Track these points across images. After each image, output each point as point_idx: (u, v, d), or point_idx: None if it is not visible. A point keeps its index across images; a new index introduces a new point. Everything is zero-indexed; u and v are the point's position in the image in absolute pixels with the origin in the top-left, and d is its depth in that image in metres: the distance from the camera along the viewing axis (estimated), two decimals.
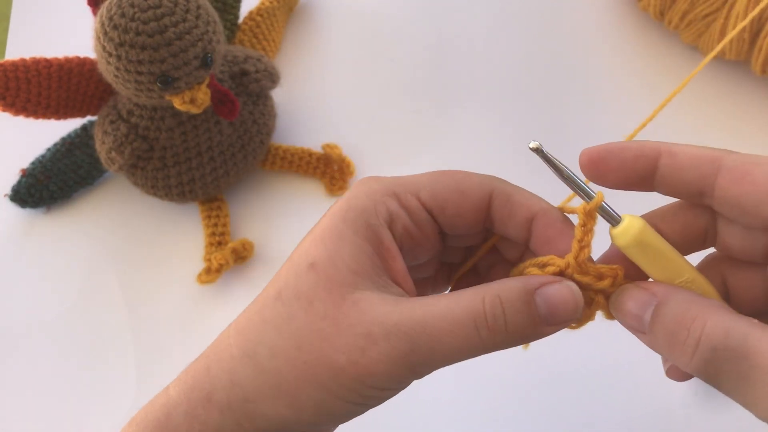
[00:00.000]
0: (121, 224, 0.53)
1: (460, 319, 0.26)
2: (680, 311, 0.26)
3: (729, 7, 0.51)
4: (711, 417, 0.44)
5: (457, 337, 0.26)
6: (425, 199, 0.29)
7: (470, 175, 0.30)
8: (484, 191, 0.29)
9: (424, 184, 0.30)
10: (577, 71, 0.58)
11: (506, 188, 0.30)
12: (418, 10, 0.61)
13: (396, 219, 0.29)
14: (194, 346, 0.49)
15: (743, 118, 0.55)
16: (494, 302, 0.27)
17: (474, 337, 0.26)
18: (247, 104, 0.51)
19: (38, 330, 0.50)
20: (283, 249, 0.52)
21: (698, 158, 0.28)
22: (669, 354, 0.27)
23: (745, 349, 0.24)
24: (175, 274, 0.51)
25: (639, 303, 0.27)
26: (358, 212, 0.28)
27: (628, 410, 0.45)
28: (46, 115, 0.49)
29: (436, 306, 0.27)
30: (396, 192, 0.29)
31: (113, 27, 0.43)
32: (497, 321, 0.27)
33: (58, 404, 0.47)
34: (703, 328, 0.25)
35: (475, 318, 0.26)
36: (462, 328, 0.26)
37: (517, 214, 0.29)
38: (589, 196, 0.28)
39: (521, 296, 0.27)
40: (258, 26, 0.57)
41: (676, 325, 0.26)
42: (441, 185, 0.29)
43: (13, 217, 0.54)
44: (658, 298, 0.27)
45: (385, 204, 0.29)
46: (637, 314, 0.27)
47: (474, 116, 0.56)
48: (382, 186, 0.29)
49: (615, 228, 0.28)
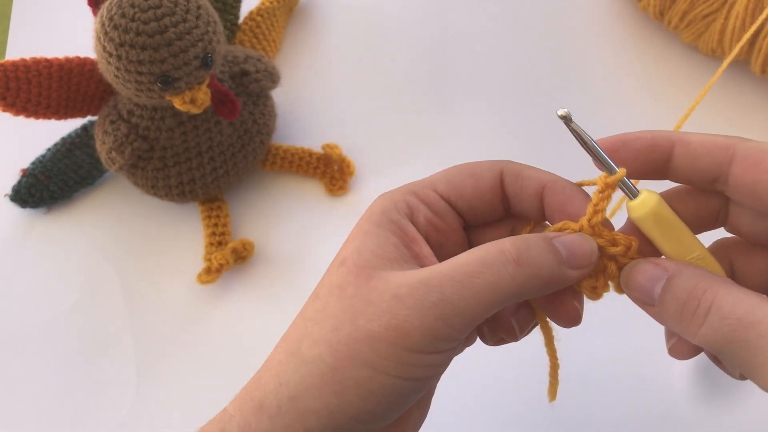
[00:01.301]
0: (121, 224, 0.53)
1: (486, 258, 0.27)
2: (692, 284, 0.27)
3: (729, 8, 0.51)
4: (711, 417, 0.44)
5: (485, 276, 0.27)
6: (442, 190, 0.31)
7: (480, 162, 0.31)
8: (494, 171, 0.31)
9: (439, 177, 0.31)
10: (577, 71, 0.58)
11: (515, 166, 0.31)
12: (419, 11, 0.61)
13: (416, 211, 0.30)
14: (194, 346, 0.49)
15: (743, 118, 0.55)
16: (518, 241, 0.28)
17: (503, 274, 0.27)
18: (247, 104, 0.51)
19: (38, 330, 0.50)
20: (283, 249, 0.52)
21: (712, 146, 0.29)
22: (677, 324, 0.28)
23: (753, 319, 0.25)
24: (175, 274, 0.51)
25: (650, 276, 0.28)
26: (380, 212, 0.30)
27: (628, 410, 0.45)
28: (46, 115, 0.49)
29: (460, 257, 0.27)
30: (413, 190, 0.31)
31: (113, 27, 0.43)
32: (522, 255, 0.27)
33: (58, 404, 0.47)
34: (714, 298, 0.26)
35: (501, 255, 0.27)
36: (489, 267, 0.27)
37: (528, 188, 0.30)
38: (611, 169, 0.29)
39: (542, 239, 0.28)
40: (258, 26, 0.57)
41: (688, 296, 0.27)
42: (454, 174, 0.31)
43: (13, 217, 0.54)
44: (670, 272, 0.28)
45: (405, 200, 0.30)
46: (647, 287, 0.28)
47: (474, 116, 0.56)
48: (400, 189, 0.31)
49: (632, 201, 0.29)
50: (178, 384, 0.48)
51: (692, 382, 0.45)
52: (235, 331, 0.49)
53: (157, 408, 0.47)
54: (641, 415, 0.45)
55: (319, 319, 0.28)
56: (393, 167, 0.54)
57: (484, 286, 0.27)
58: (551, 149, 0.54)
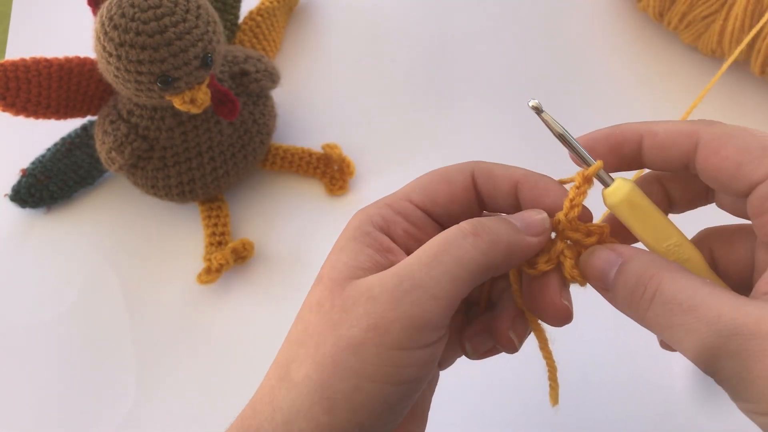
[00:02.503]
0: (121, 224, 0.53)
1: (446, 237, 0.28)
2: (642, 269, 0.28)
3: (728, 8, 0.51)
4: (711, 417, 0.44)
5: (450, 251, 0.27)
6: (417, 199, 0.31)
7: (451, 166, 0.31)
8: (466, 174, 0.31)
9: (412, 187, 0.31)
10: (577, 71, 0.58)
11: (486, 166, 0.31)
12: (419, 11, 0.61)
13: (392, 224, 0.30)
14: (194, 346, 0.49)
15: (742, 119, 0.55)
16: (473, 219, 0.29)
17: (465, 246, 0.28)
18: (247, 104, 0.51)
19: (38, 330, 0.50)
20: (283, 249, 0.52)
21: (677, 135, 0.29)
22: (628, 308, 0.28)
23: (691, 303, 0.26)
24: (175, 274, 0.51)
25: (605, 261, 0.29)
26: (355, 227, 0.30)
27: (627, 411, 0.45)
28: (46, 115, 0.49)
29: (425, 245, 0.28)
30: (388, 203, 0.31)
31: (113, 27, 0.43)
32: (478, 227, 0.28)
33: (58, 404, 0.47)
34: (659, 284, 0.27)
35: (459, 231, 0.28)
36: (451, 243, 0.27)
37: (501, 186, 0.31)
38: (588, 161, 0.30)
39: (495, 217, 0.30)
40: (258, 26, 0.57)
41: (636, 281, 0.28)
42: (427, 182, 0.31)
43: (13, 217, 0.54)
44: (623, 258, 0.28)
45: (380, 214, 0.30)
46: (602, 271, 0.29)
47: (474, 116, 0.57)
48: (375, 204, 0.31)
49: (606, 189, 0.30)
50: (178, 384, 0.48)
51: (692, 382, 0.45)
52: (235, 331, 0.49)
53: (157, 408, 0.47)
54: (641, 415, 0.45)
55: (303, 340, 0.28)
56: (393, 167, 0.54)
57: (451, 261, 0.27)
58: (551, 149, 0.54)
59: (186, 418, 0.47)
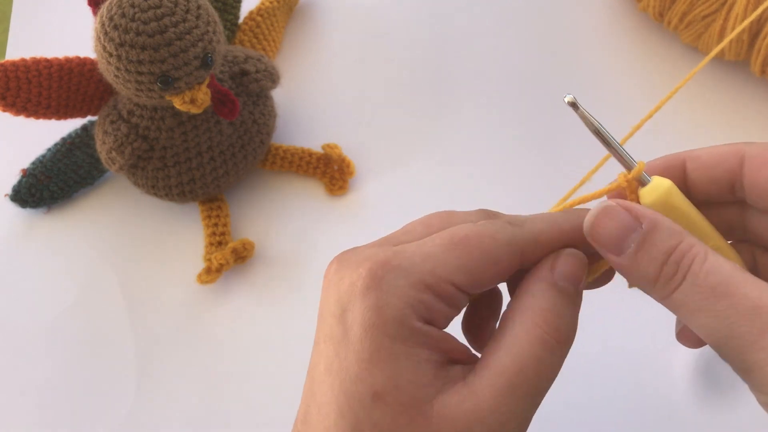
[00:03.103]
0: (121, 224, 0.53)
1: (536, 359, 0.26)
2: (670, 242, 0.26)
3: (728, 8, 0.51)
4: (711, 417, 0.44)
5: (544, 374, 0.26)
6: (459, 281, 0.27)
7: (497, 238, 0.27)
8: (515, 254, 0.28)
9: (454, 264, 0.27)
10: (577, 71, 0.58)
11: (532, 237, 0.28)
12: (419, 11, 0.61)
13: (437, 312, 0.27)
14: (194, 346, 0.49)
15: (742, 119, 0.55)
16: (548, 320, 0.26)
17: (554, 362, 0.27)
18: (247, 104, 0.51)
19: (38, 329, 0.50)
20: (283, 249, 0.52)
21: (720, 155, 0.29)
22: (648, 284, 0.26)
23: (725, 289, 0.25)
24: (175, 274, 0.51)
25: (622, 226, 0.26)
26: (398, 321, 0.26)
27: (628, 410, 0.45)
28: (46, 115, 0.49)
29: (509, 367, 0.26)
30: (428, 284, 0.26)
31: (113, 27, 0.43)
32: (561, 333, 0.27)
33: (58, 404, 0.47)
34: (691, 263, 0.25)
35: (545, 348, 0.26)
36: (543, 365, 0.26)
37: (545, 253, 0.29)
38: (627, 162, 0.28)
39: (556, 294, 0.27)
40: (258, 26, 0.57)
41: (665, 256, 0.26)
42: (473, 262, 0.27)
43: (13, 217, 0.54)
44: (647, 225, 0.26)
45: (422, 301, 0.26)
46: (618, 236, 0.26)
47: (474, 116, 0.57)
48: (408, 280, 0.26)
49: (643, 188, 0.28)
50: (178, 384, 0.48)
51: (692, 381, 0.45)
52: (235, 331, 0.49)
53: (157, 408, 0.47)
54: (641, 414, 0.45)
55: None
56: (393, 167, 0.54)
57: (546, 386, 0.26)
58: (551, 149, 0.55)
59: (186, 418, 0.47)
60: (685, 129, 0.54)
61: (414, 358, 0.25)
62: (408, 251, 0.27)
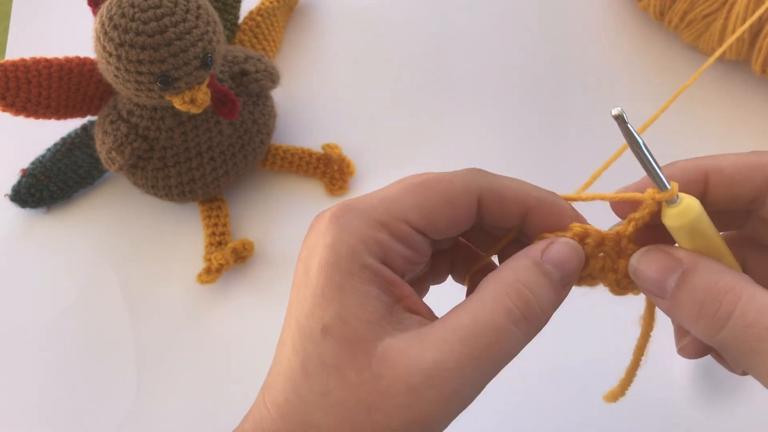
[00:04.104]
0: (121, 224, 0.53)
1: (496, 323, 0.25)
2: (711, 281, 0.25)
3: (729, 8, 0.51)
4: (711, 417, 0.44)
5: (502, 345, 0.25)
6: (417, 222, 0.27)
7: (452, 179, 0.28)
8: (472, 196, 0.28)
9: (409, 204, 0.27)
10: (577, 72, 0.58)
11: (495, 187, 0.28)
12: (419, 11, 0.61)
13: (391, 251, 0.27)
14: (194, 346, 0.49)
15: (743, 118, 0.55)
16: (520, 292, 0.26)
17: (517, 337, 0.26)
18: (247, 104, 0.51)
19: (38, 330, 0.50)
20: (283, 249, 0.52)
21: (747, 169, 0.27)
22: (693, 324, 0.26)
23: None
24: (175, 274, 0.51)
25: (662, 268, 0.26)
26: (350, 257, 0.26)
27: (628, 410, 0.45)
28: (46, 115, 0.49)
29: (466, 325, 0.25)
30: (383, 222, 0.27)
31: (113, 27, 0.43)
32: (531, 309, 0.26)
33: (58, 404, 0.47)
34: (738, 302, 0.25)
35: (511, 315, 0.26)
36: (502, 333, 0.25)
37: (509, 211, 0.28)
38: (660, 183, 0.27)
39: (538, 273, 0.27)
40: (258, 26, 0.57)
41: (707, 295, 0.25)
42: (429, 201, 0.27)
43: (13, 217, 0.54)
44: (685, 265, 0.26)
45: (375, 239, 0.27)
46: (658, 279, 0.26)
47: (474, 116, 0.56)
48: (364, 219, 0.27)
49: (671, 207, 0.27)
50: (178, 384, 0.48)
51: (692, 382, 0.45)
52: (235, 331, 0.49)
53: (157, 408, 0.47)
54: (641, 415, 0.45)
55: (326, 407, 0.25)
56: (393, 167, 0.54)
57: (502, 355, 0.25)
58: (551, 149, 0.54)
59: (186, 417, 0.47)
60: (686, 129, 0.54)
61: (361, 294, 0.26)
62: (369, 196, 0.28)
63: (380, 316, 0.26)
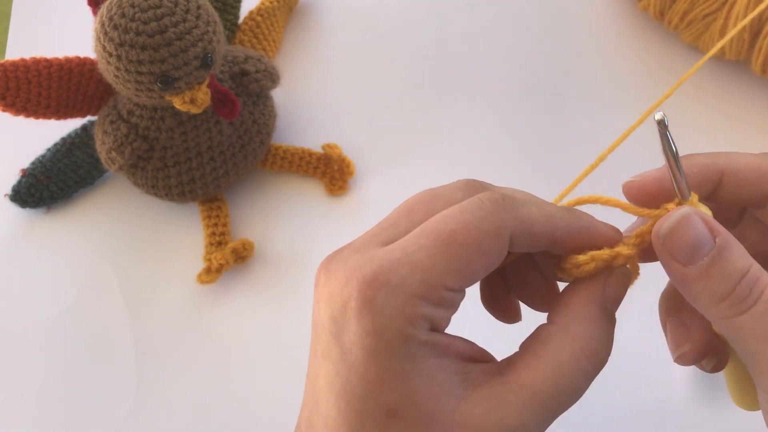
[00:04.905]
0: (122, 224, 0.53)
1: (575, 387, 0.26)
2: (745, 265, 0.25)
3: (729, 8, 0.51)
4: (711, 417, 0.44)
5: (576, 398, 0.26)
6: (454, 284, 0.26)
7: (482, 228, 0.26)
8: (504, 241, 0.26)
9: (443, 269, 0.25)
10: (577, 71, 0.58)
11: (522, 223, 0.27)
12: (419, 11, 0.61)
13: (438, 319, 0.26)
14: (194, 346, 0.49)
15: (743, 118, 0.55)
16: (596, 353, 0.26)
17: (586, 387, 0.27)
18: (247, 104, 0.51)
19: (38, 330, 0.50)
20: (283, 249, 0.52)
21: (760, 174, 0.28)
22: (716, 303, 0.26)
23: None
24: (175, 274, 0.51)
25: (700, 236, 0.26)
26: (402, 341, 0.24)
27: (628, 410, 0.45)
28: (46, 115, 0.49)
29: (546, 391, 0.26)
30: (422, 296, 0.25)
31: (113, 27, 0.43)
32: (603, 363, 0.27)
33: (58, 404, 0.47)
34: (764, 290, 0.25)
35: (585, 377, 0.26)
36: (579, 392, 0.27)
37: (538, 244, 0.27)
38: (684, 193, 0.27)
39: (605, 320, 0.27)
40: (258, 26, 0.57)
41: (741, 277, 0.25)
42: (464, 263, 0.26)
43: (13, 217, 0.53)
44: (720, 240, 0.25)
45: (421, 315, 0.25)
46: (694, 246, 0.26)
47: (474, 116, 0.56)
48: (402, 297, 0.25)
49: None
50: (178, 384, 0.48)
51: (692, 382, 0.45)
52: (235, 331, 0.49)
53: (157, 408, 0.47)
54: (641, 415, 0.45)
55: None
56: (393, 167, 0.54)
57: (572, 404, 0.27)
58: (551, 149, 0.54)
59: (186, 418, 0.47)
60: (686, 128, 0.54)
61: (425, 373, 0.24)
62: (394, 260, 0.25)
63: (448, 383, 0.25)
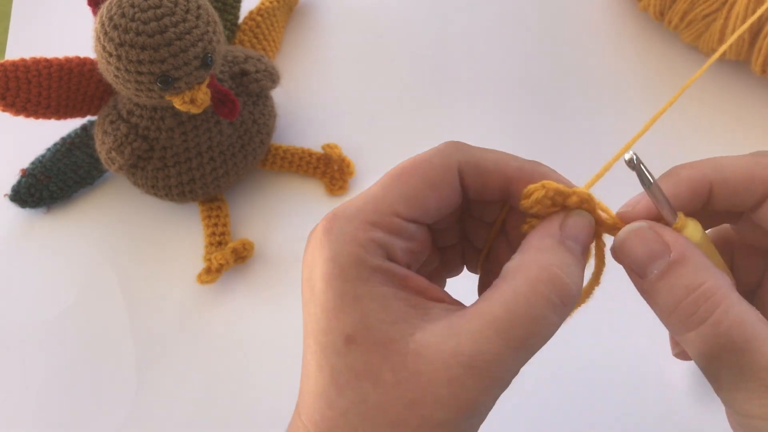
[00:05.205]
0: (122, 224, 0.53)
1: (534, 315, 0.24)
2: (696, 281, 0.25)
3: (729, 8, 0.51)
4: (711, 417, 0.44)
5: (540, 332, 0.25)
6: (404, 211, 0.27)
7: (432, 161, 0.27)
8: (452, 173, 0.27)
9: (393, 197, 0.27)
10: (577, 71, 0.58)
11: (472, 158, 0.28)
12: (419, 11, 0.61)
13: (391, 247, 0.26)
14: (194, 346, 0.49)
15: (743, 118, 0.55)
16: (556, 278, 0.25)
17: (553, 321, 0.25)
18: (247, 104, 0.51)
19: (38, 330, 0.50)
20: (283, 249, 0.52)
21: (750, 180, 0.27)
22: (666, 316, 0.26)
23: (748, 346, 0.24)
24: (175, 274, 0.51)
25: (649, 252, 0.26)
26: (355, 265, 0.25)
27: (628, 410, 0.45)
28: (46, 115, 0.49)
29: (501, 316, 0.24)
30: (373, 221, 0.26)
31: (113, 27, 0.43)
32: (568, 293, 0.25)
33: (58, 404, 0.47)
34: (715, 310, 0.25)
35: (548, 306, 0.25)
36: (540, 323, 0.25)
37: (491, 183, 0.28)
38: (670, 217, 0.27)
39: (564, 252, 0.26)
40: (258, 26, 0.57)
41: (687, 294, 0.25)
42: (412, 189, 0.27)
43: (13, 217, 0.54)
44: (674, 255, 0.25)
45: (373, 240, 0.26)
46: (643, 261, 0.26)
47: (474, 116, 0.56)
48: (356, 224, 0.26)
49: None
50: (178, 384, 0.48)
51: (692, 382, 0.45)
52: (235, 331, 0.49)
53: (157, 408, 0.47)
54: (641, 415, 0.45)
55: (366, 413, 0.24)
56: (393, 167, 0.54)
57: (540, 342, 0.25)
58: (551, 149, 0.54)
59: (186, 417, 0.47)
60: (686, 129, 0.54)
61: (380, 297, 0.25)
62: (355, 199, 0.27)
63: (404, 312, 0.25)
